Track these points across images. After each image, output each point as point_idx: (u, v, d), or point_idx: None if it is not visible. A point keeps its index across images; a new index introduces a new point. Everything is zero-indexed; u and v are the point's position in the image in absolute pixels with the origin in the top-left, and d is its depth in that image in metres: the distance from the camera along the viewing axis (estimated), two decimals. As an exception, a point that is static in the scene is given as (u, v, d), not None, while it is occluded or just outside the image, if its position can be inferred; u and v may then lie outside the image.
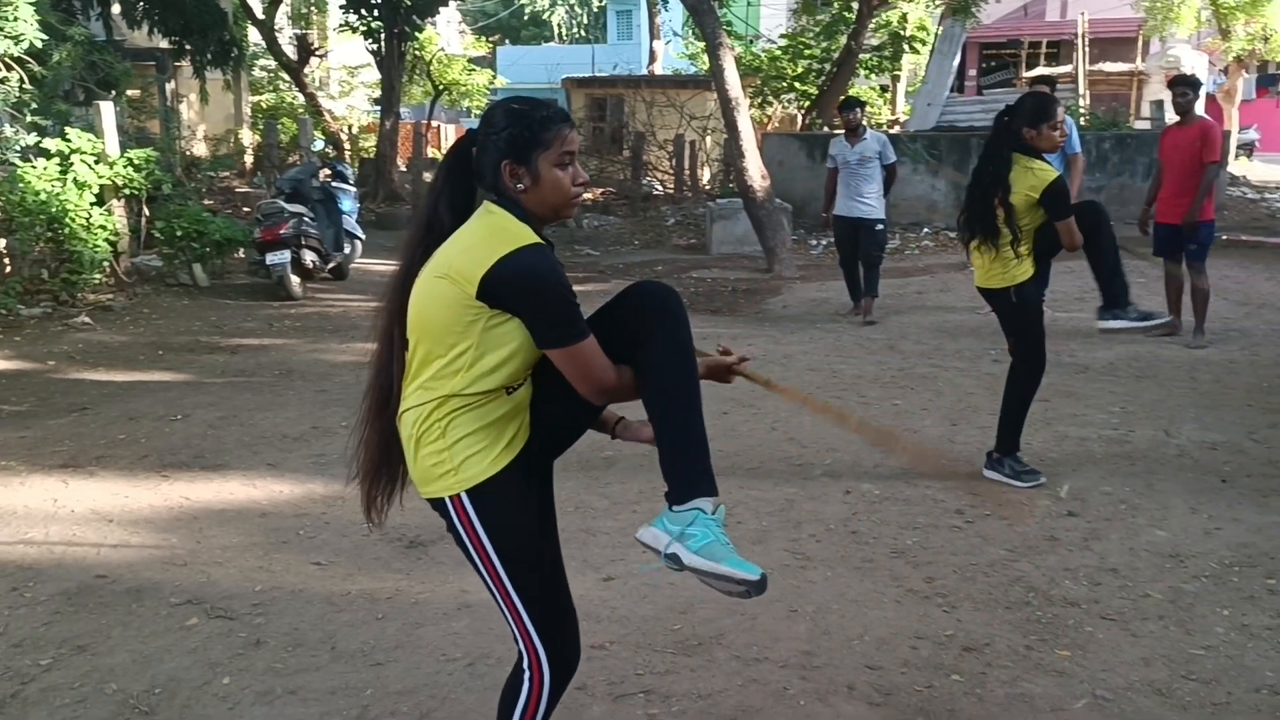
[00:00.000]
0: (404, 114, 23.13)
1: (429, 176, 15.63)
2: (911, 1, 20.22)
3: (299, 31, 23.09)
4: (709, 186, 19.13)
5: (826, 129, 17.20)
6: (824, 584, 3.88)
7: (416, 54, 21.52)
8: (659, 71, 27.50)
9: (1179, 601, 3.70)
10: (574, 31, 47.83)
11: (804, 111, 19.45)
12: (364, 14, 17.33)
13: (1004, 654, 3.35)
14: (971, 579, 3.91)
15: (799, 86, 20.22)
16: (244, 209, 14.67)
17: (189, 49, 15.34)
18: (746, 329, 8.82)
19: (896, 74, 23.53)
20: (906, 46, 20.82)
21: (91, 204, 9.50)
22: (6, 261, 9.31)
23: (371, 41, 17.76)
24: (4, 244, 9.22)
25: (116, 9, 14.85)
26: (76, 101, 11.57)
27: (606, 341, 2.15)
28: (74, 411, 6.32)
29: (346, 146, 20.71)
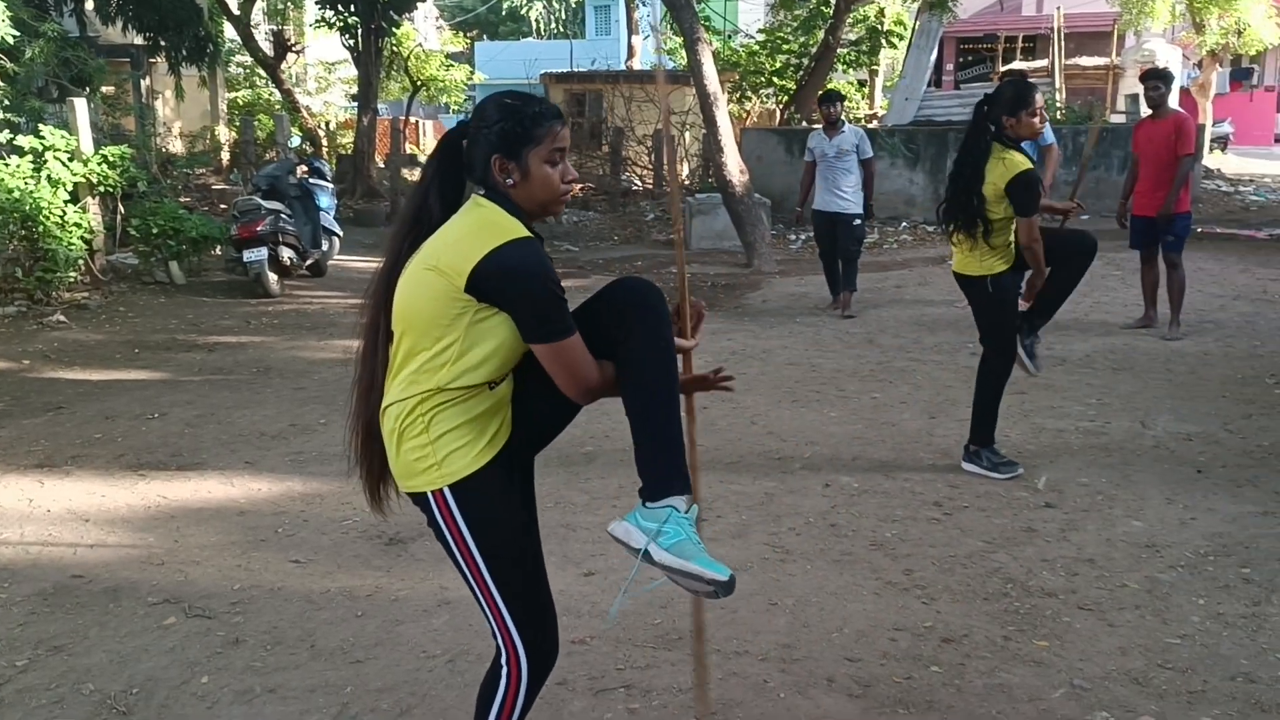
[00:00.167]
0: (381, 110, 23.07)
1: (406, 173, 15.61)
2: (888, -4, 20.31)
3: (275, 27, 22.93)
4: (688, 181, 19.13)
5: (805, 123, 17.24)
6: (803, 577, 3.90)
7: (394, 50, 21.42)
8: (637, 67, 27.48)
9: (1155, 591, 3.73)
10: (552, 27, 47.77)
11: (782, 106, 19.48)
12: (340, 9, 17.23)
13: (982, 645, 3.37)
14: (950, 571, 3.93)
15: (777, 81, 20.25)
16: (220, 206, 14.58)
17: (164, 45, 15.25)
18: (726, 324, 8.83)
19: (874, 68, 23.64)
20: (884, 41, 20.91)
21: (66, 201, 9.42)
22: (-20, 260, 9.23)
23: (348, 37, 17.66)
24: (-23, 242, 9.14)
25: (90, 5, 14.74)
26: (50, 98, 11.49)
27: (588, 337, 2.15)
28: (49, 411, 6.27)
29: (324, 143, 20.60)
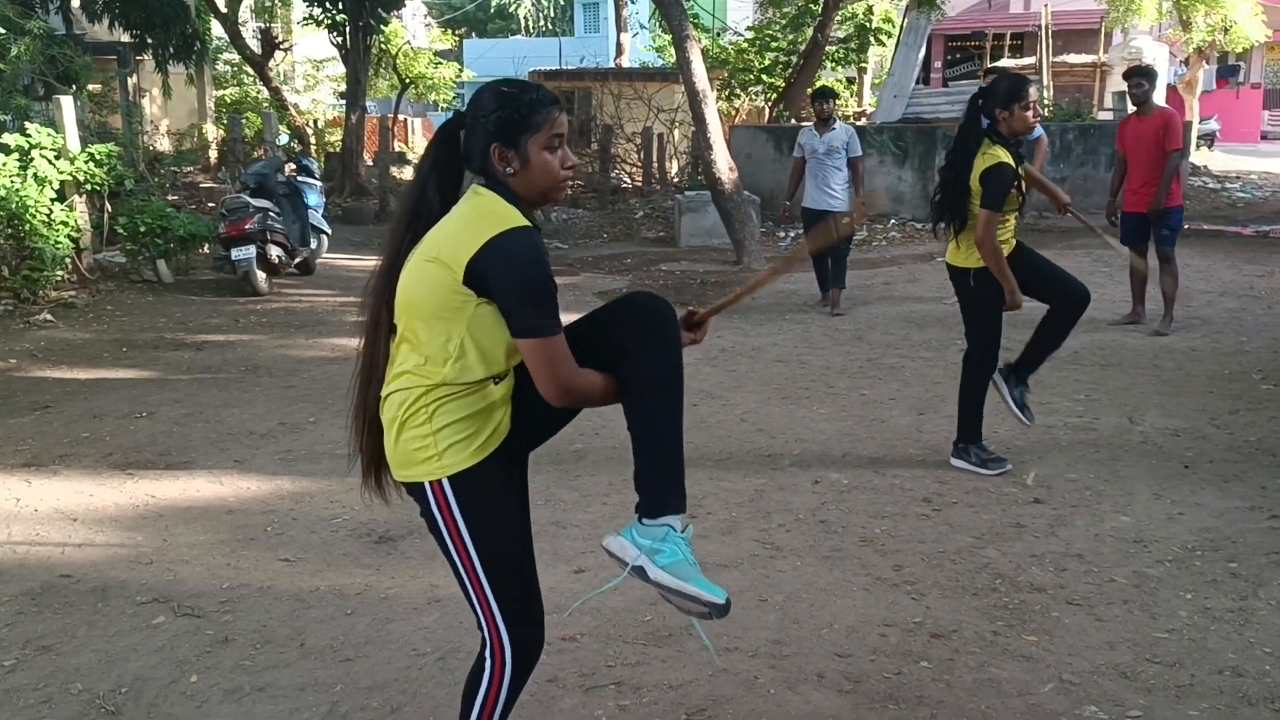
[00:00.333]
0: (370, 108, 22.96)
1: (395, 171, 15.56)
2: (877, -7, 20.32)
3: (263, 25, 22.82)
4: (677, 179, 19.14)
5: (794, 121, 17.25)
6: (793, 573, 3.90)
7: (382, 47, 21.35)
8: (626, 64, 27.46)
9: (1143, 586, 3.75)
10: (541, 24, 47.68)
11: (771, 104, 19.48)
12: (328, 7, 17.16)
13: (971, 640, 3.38)
14: (939, 566, 3.94)
15: (766, 79, 20.25)
16: (208, 204, 14.53)
17: (151, 43, 15.18)
18: (715, 321, 8.82)
19: (863, 66, 23.64)
20: (872, 39, 20.90)
21: (52, 200, 9.37)
22: (-34, 259, 9.18)
23: (336, 35, 17.60)
24: (-37, 241, 9.09)
25: (76, 2, 14.66)
26: (36, 96, 11.44)
27: (592, 348, 2.15)
28: (36, 410, 6.24)
29: (312, 141, 20.54)
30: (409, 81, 23.48)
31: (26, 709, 3.06)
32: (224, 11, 18.89)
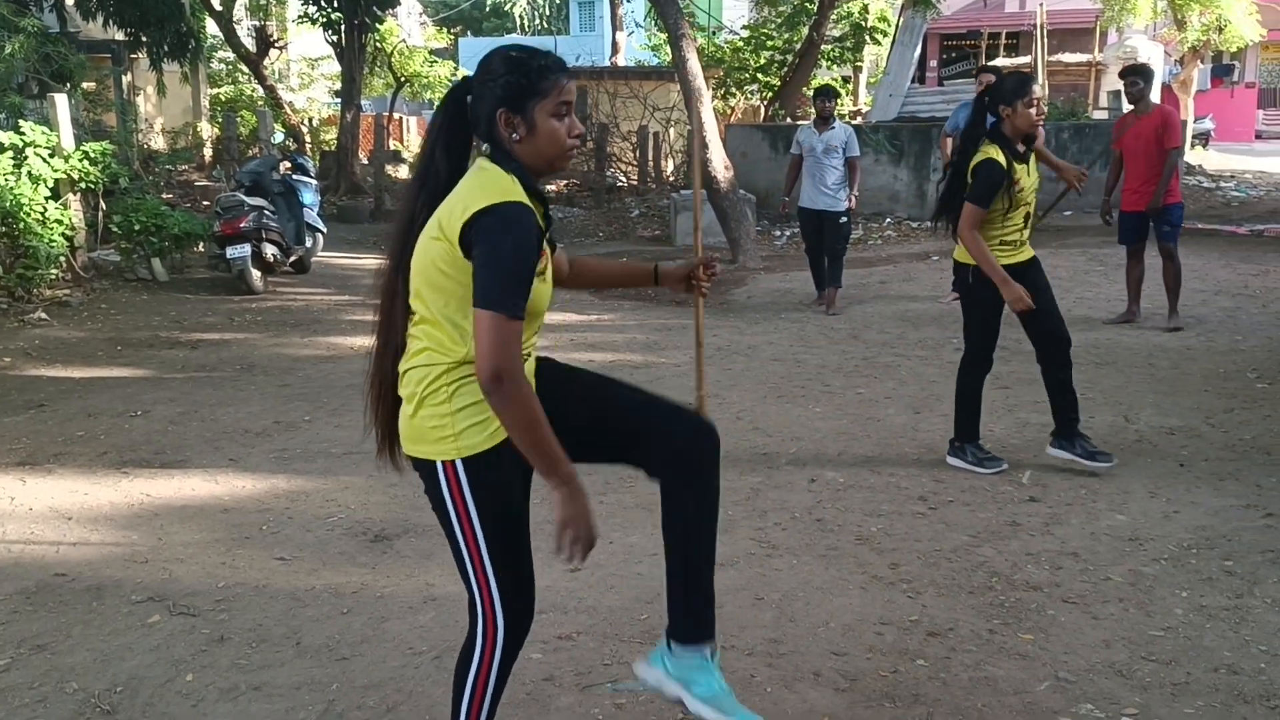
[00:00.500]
0: (365, 106, 22.94)
1: (390, 169, 15.53)
2: (872, -8, 20.33)
3: (257, 23, 22.80)
4: (673, 178, 19.13)
5: (789, 120, 17.26)
6: (789, 572, 3.90)
7: (377, 46, 21.34)
8: (622, 63, 27.44)
9: (1139, 584, 3.75)
10: (536, 23, 47.66)
11: (766, 103, 19.48)
12: (323, 5, 17.15)
13: (968, 638, 3.38)
14: (935, 565, 3.94)
15: (761, 78, 20.25)
16: (203, 203, 14.51)
17: (145, 41, 15.14)
18: (711, 320, 8.84)
19: (858, 65, 23.65)
20: (868, 37, 20.91)
21: (47, 198, 9.34)
22: (-40, 257, 9.16)
23: (331, 33, 17.59)
24: (-43, 239, 9.07)
25: (70, 0, 14.62)
26: (30, 94, 11.40)
27: (623, 427, 2.30)
28: (31, 408, 6.23)
29: (307, 139, 20.51)
30: (404, 80, 23.45)
31: (21, 708, 3.06)
32: (219, 9, 18.85)
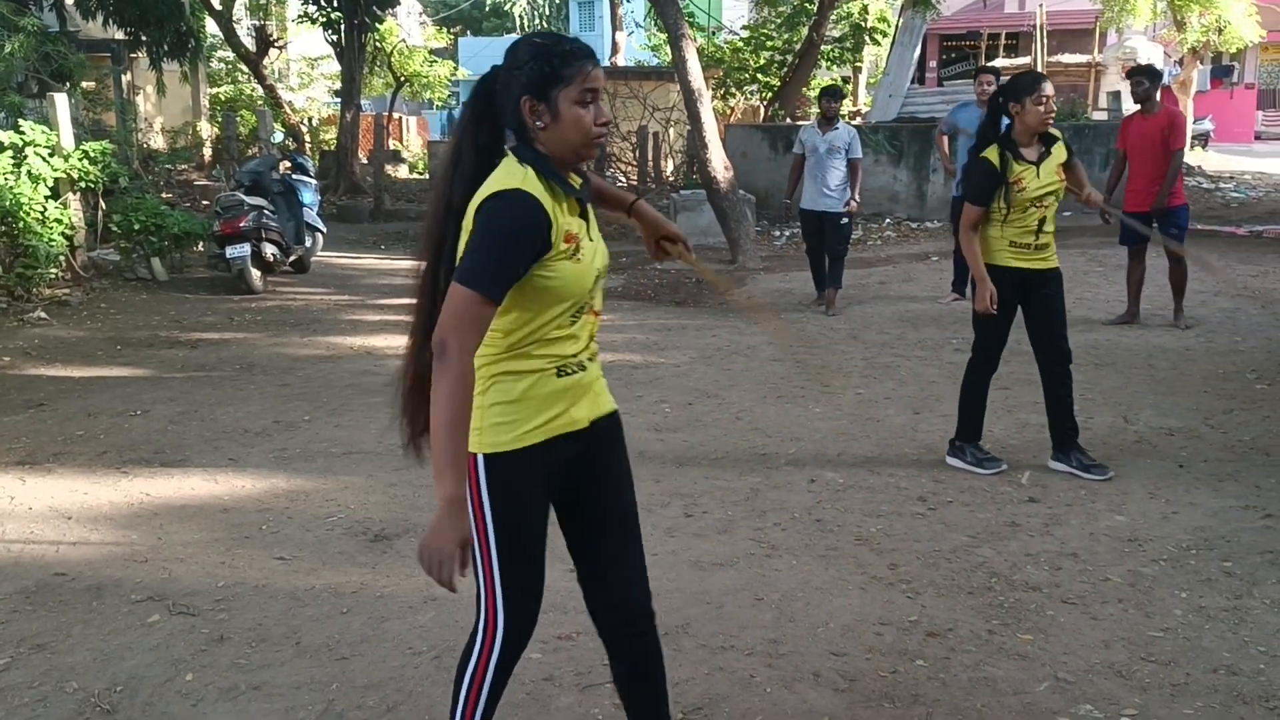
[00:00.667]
0: (365, 106, 22.98)
1: (390, 169, 15.55)
2: (872, -7, 20.33)
3: (257, 23, 22.82)
4: (672, 178, 19.12)
5: (789, 120, 17.26)
6: (789, 572, 3.90)
7: (377, 45, 21.35)
8: (621, 63, 27.43)
9: (1138, 585, 3.76)
10: (536, 23, 47.63)
11: (766, 103, 19.48)
12: (323, 5, 17.16)
13: (967, 639, 3.38)
14: (934, 565, 3.95)
15: (761, 78, 20.23)
16: (203, 202, 14.51)
17: (145, 40, 15.15)
18: (711, 320, 8.84)
19: (858, 65, 23.65)
20: (867, 38, 20.90)
21: (46, 197, 9.35)
22: (-41, 256, 9.16)
23: (331, 33, 17.60)
24: (-44, 239, 9.07)
25: (70, -1, 14.63)
26: (30, 93, 11.40)
27: (601, 555, 2.46)
28: (30, 408, 6.23)
29: (307, 139, 20.53)
30: (404, 80, 23.47)
31: (21, 707, 3.06)
32: (218, 9, 18.85)
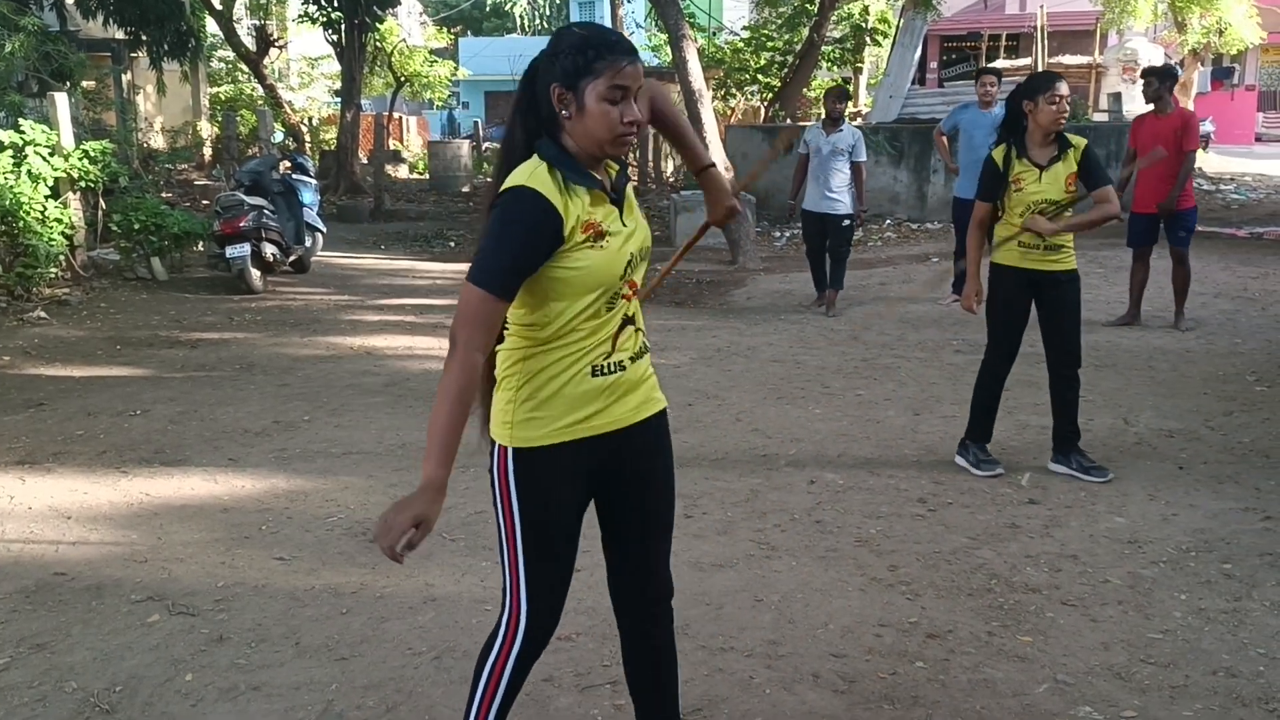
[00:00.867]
0: (365, 106, 22.99)
1: (390, 169, 15.57)
2: (873, -6, 20.34)
3: (257, 22, 22.83)
4: (673, 179, 19.13)
5: (789, 121, 17.26)
6: (789, 573, 3.90)
7: (377, 45, 21.35)
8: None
9: (1137, 587, 3.76)
10: (536, 23, 47.65)
11: (767, 104, 19.49)
12: (324, 5, 17.16)
13: (967, 640, 3.38)
14: (934, 567, 3.95)
15: (762, 79, 20.26)
16: (203, 202, 14.52)
17: (145, 39, 15.15)
18: (711, 321, 8.84)
19: (858, 66, 23.64)
20: (868, 39, 20.94)
21: (46, 197, 9.35)
22: (-41, 256, 9.16)
23: (331, 32, 17.60)
24: (-44, 238, 9.07)
25: (71, -1, 14.63)
26: (30, 93, 11.40)
27: (628, 556, 2.46)
28: (30, 407, 6.23)
29: (307, 138, 20.54)
30: (404, 80, 23.47)
31: (21, 707, 3.06)
32: (219, 9, 18.86)
